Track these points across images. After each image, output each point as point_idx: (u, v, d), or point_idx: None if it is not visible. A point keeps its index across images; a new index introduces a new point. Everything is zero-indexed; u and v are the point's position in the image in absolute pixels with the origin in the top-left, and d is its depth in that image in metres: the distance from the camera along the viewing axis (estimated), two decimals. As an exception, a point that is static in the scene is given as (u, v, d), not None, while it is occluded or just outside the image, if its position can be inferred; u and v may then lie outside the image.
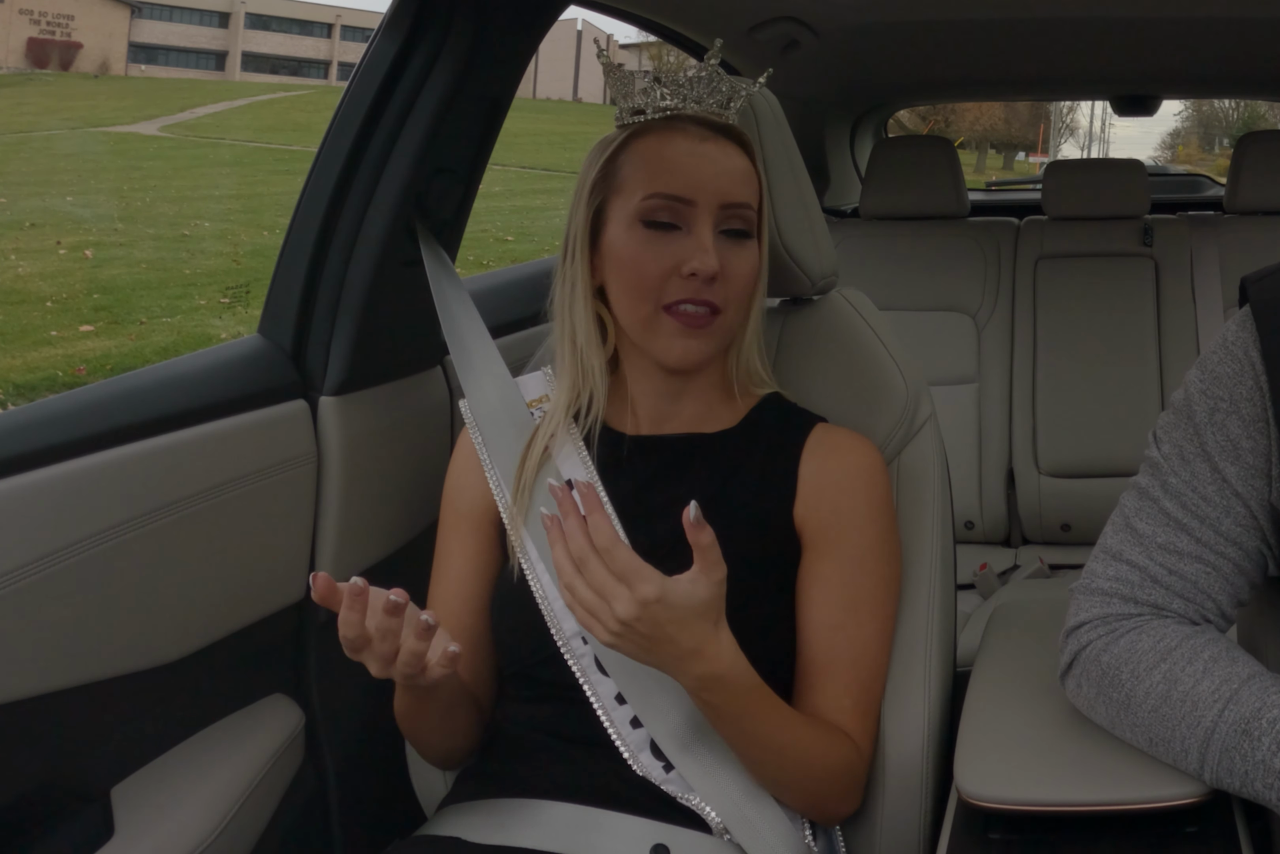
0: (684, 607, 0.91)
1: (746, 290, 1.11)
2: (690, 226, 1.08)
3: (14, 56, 28.30)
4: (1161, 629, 0.93)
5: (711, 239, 1.07)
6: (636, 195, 1.08)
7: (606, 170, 1.11)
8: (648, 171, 1.08)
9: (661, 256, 1.07)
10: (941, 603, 1.18)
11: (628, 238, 1.09)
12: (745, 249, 1.10)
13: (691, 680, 0.96)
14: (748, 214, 1.10)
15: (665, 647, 0.93)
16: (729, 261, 1.08)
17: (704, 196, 1.07)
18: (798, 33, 2.05)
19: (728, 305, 1.09)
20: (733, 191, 1.09)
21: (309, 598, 1.30)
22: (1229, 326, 0.97)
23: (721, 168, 1.09)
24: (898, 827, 1.13)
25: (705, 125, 1.10)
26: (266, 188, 12.92)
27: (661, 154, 1.09)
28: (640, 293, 1.08)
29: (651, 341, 1.10)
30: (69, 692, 1.04)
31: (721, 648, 0.95)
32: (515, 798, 1.08)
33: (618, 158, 1.11)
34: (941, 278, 2.61)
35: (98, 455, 1.05)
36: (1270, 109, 22.08)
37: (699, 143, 1.09)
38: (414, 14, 1.28)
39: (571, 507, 0.92)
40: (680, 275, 1.07)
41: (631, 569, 0.90)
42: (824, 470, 1.13)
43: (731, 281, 1.09)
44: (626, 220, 1.09)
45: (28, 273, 9.18)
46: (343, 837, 1.36)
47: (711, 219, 1.08)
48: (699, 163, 1.08)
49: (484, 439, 1.19)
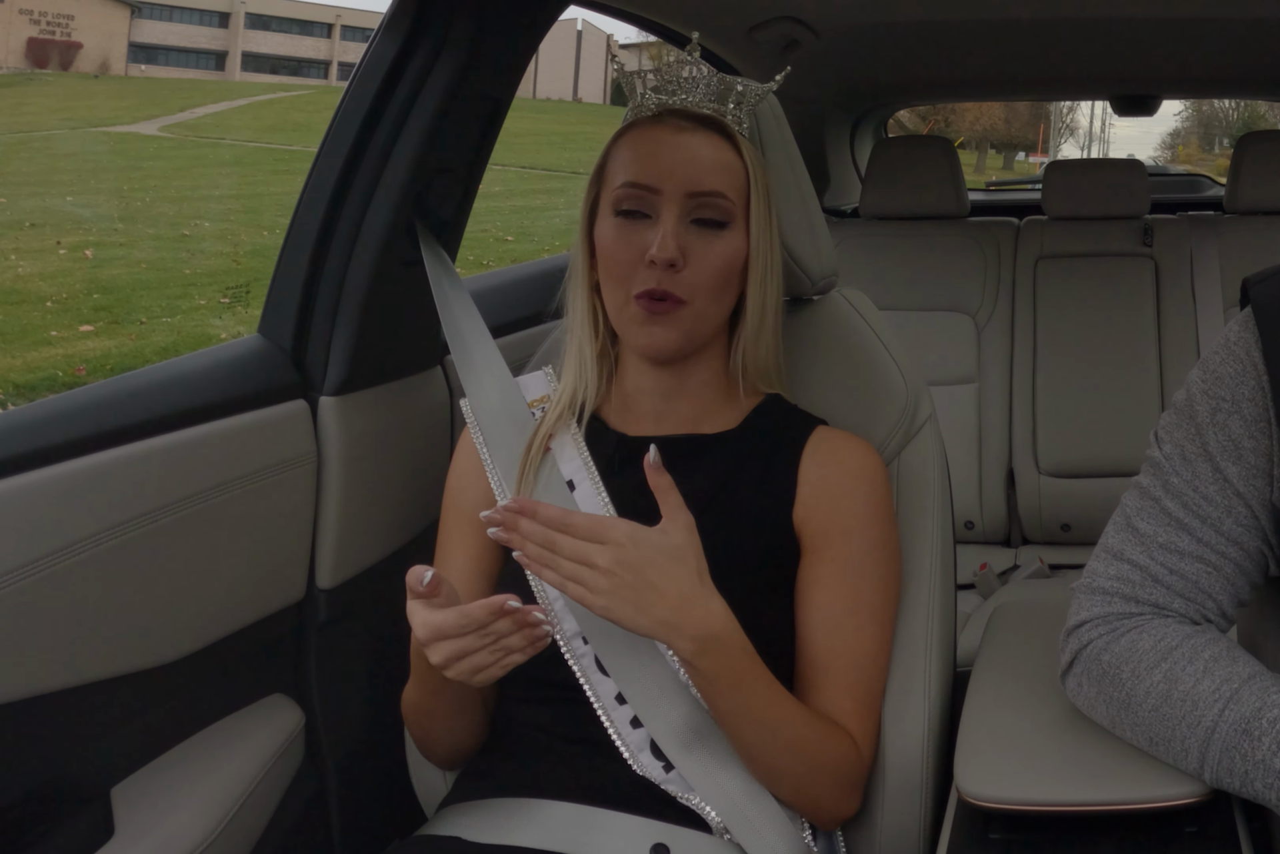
0: (657, 547, 0.95)
1: (714, 280, 1.10)
2: (658, 215, 1.08)
3: (14, 56, 28.28)
4: (1162, 629, 0.93)
5: (674, 226, 1.07)
6: (614, 185, 1.10)
7: (600, 164, 1.14)
8: (623, 162, 1.11)
9: (630, 244, 1.08)
10: (941, 603, 1.18)
11: (605, 227, 1.11)
12: (717, 239, 1.10)
13: (688, 643, 0.96)
14: (721, 204, 1.09)
15: (653, 599, 0.94)
16: (695, 250, 1.08)
17: (669, 185, 1.08)
18: (798, 33, 2.05)
19: (694, 294, 1.08)
20: (702, 180, 1.09)
21: (309, 598, 1.30)
22: (1231, 327, 0.97)
23: (692, 155, 1.09)
24: (898, 827, 1.13)
25: (686, 117, 1.11)
26: (266, 188, 12.91)
27: (637, 145, 1.11)
28: (614, 281, 1.10)
29: (625, 330, 1.11)
30: (69, 692, 1.04)
31: (712, 602, 0.97)
32: (515, 798, 1.08)
33: (610, 150, 1.13)
34: (941, 278, 2.61)
35: (98, 455, 1.05)
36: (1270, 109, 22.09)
37: (674, 133, 1.10)
38: (414, 14, 1.29)
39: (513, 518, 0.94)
40: (645, 264, 1.07)
41: (595, 525, 0.94)
42: (824, 473, 1.13)
43: (698, 270, 1.08)
44: (607, 210, 1.11)
45: (28, 273, 9.18)
46: (343, 837, 1.36)
47: (677, 207, 1.08)
48: (670, 151, 1.09)
49: (485, 438, 1.19)
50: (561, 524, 0.94)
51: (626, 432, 1.17)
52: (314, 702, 1.32)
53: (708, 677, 0.98)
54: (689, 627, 0.95)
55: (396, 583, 1.35)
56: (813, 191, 1.26)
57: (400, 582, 0.96)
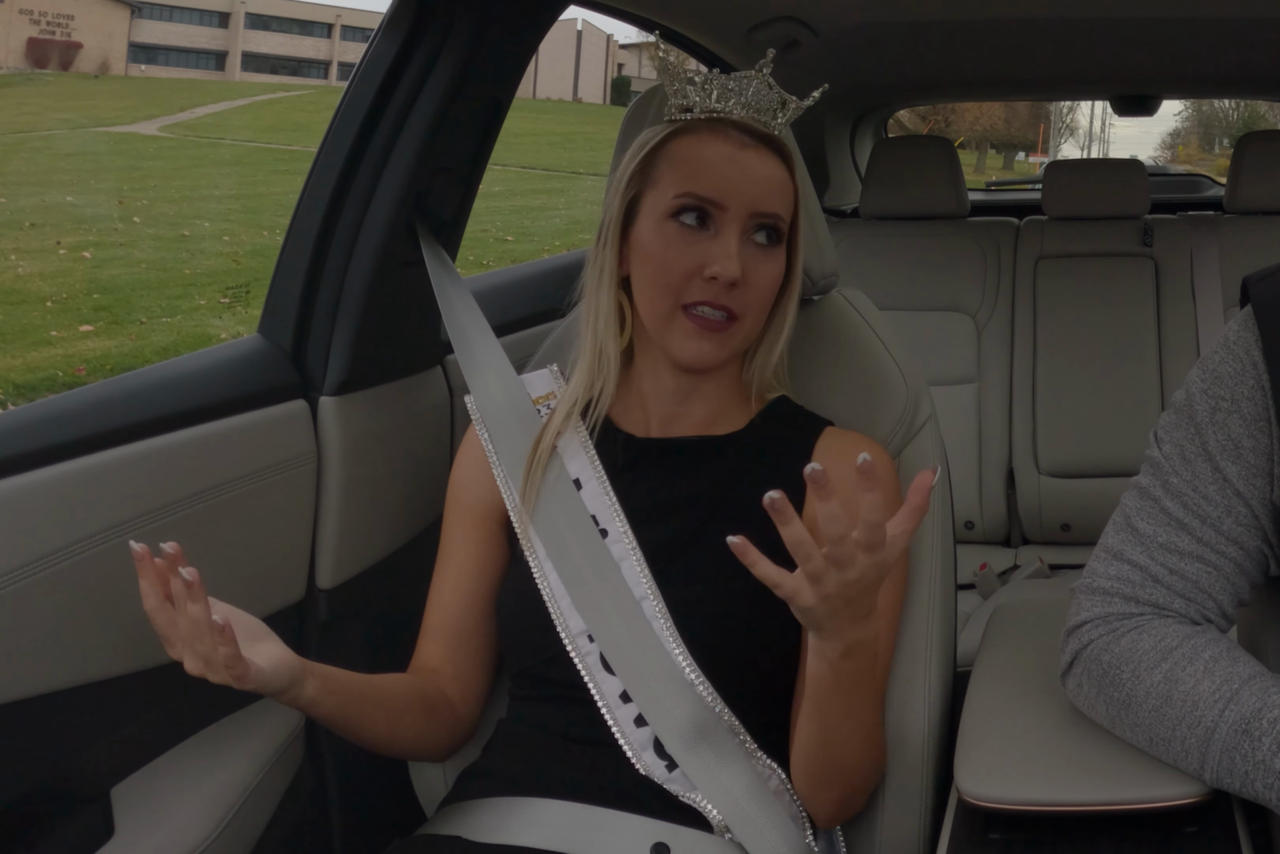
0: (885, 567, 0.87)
1: (766, 298, 1.11)
2: (718, 230, 1.08)
3: (14, 56, 28.29)
4: (1162, 629, 0.93)
5: (737, 245, 1.07)
6: (670, 192, 1.09)
7: (646, 163, 1.12)
8: (684, 170, 1.09)
9: (686, 256, 1.08)
10: (941, 603, 1.18)
11: (657, 233, 1.09)
12: (770, 258, 1.11)
13: (848, 643, 0.91)
14: (778, 224, 1.10)
15: (863, 604, 0.88)
16: (752, 269, 1.08)
17: (736, 202, 1.08)
18: (798, 33, 2.05)
19: (746, 312, 1.09)
20: (765, 201, 1.09)
21: (309, 598, 1.30)
22: (1231, 327, 0.97)
23: (757, 175, 1.09)
24: (898, 827, 1.13)
25: (747, 132, 1.10)
26: (266, 188, 12.91)
27: (700, 155, 1.09)
28: (662, 289, 1.09)
29: (667, 338, 1.10)
30: (69, 692, 1.04)
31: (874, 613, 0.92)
32: (516, 797, 1.08)
33: (658, 152, 1.11)
34: (941, 278, 2.61)
35: (98, 455, 1.05)
36: (1270, 109, 22.10)
37: (739, 149, 1.09)
38: (414, 14, 1.29)
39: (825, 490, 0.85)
40: (702, 277, 1.07)
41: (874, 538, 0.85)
42: (834, 474, 1.13)
43: (752, 289, 1.09)
44: (658, 216, 1.10)
45: (28, 273, 9.18)
46: (343, 837, 1.36)
47: (740, 226, 1.08)
48: (736, 168, 1.08)
49: (490, 435, 1.20)
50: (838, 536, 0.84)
51: (634, 432, 1.17)
52: (314, 702, 1.32)
53: (846, 674, 0.94)
54: (865, 631, 0.92)
55: (397, 583, 1.36)
56: (813, 192, 1.26)
57: (401, 582, 0.96)
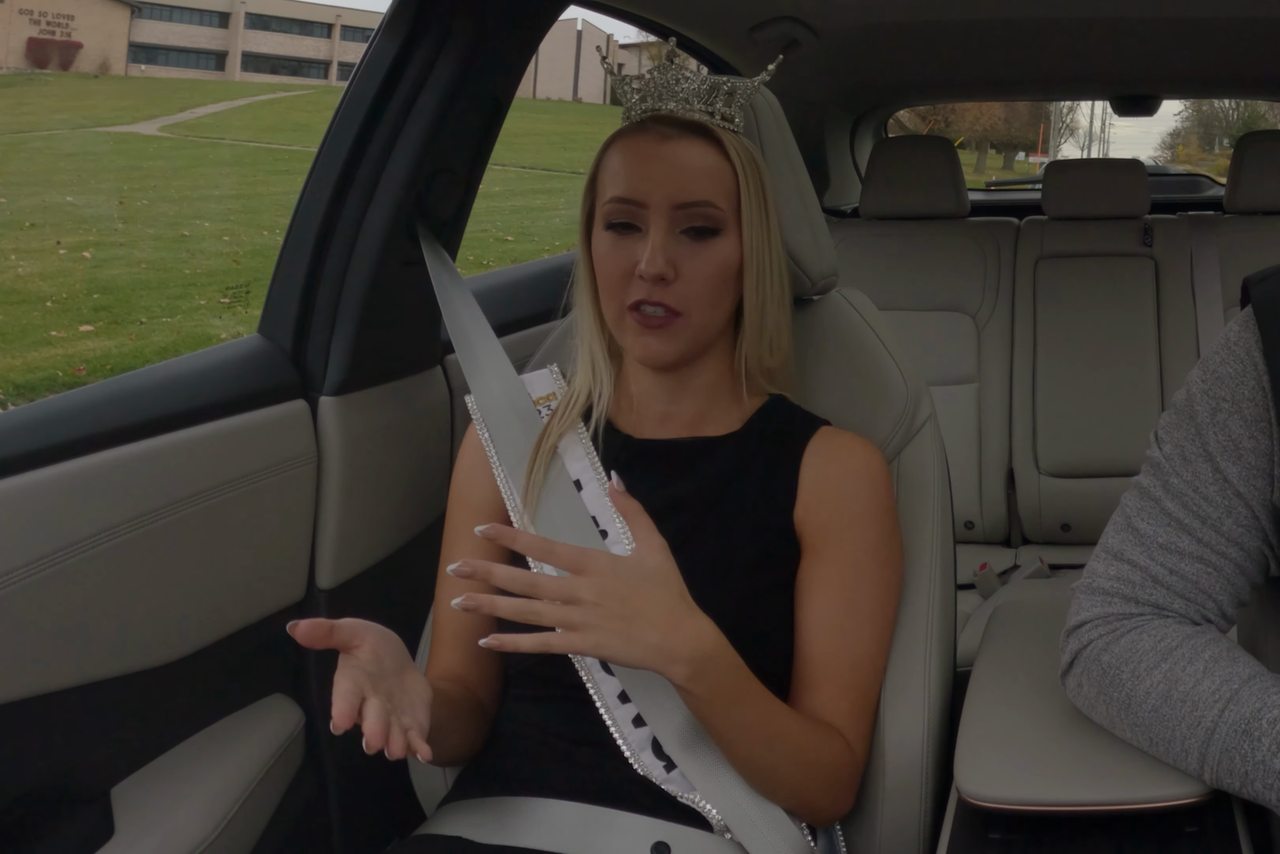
0: (637, 572, 0.94)
1: (708, 290, 1.10)
2: (646, 228, 1.09)
3: (14, 56, 28.28)
4: (1162, 629, 0.93)
5: (663, 240, 1.07)
6: (605, 199, 1.11)
7: (592, 175, 1.14)
8: (611, 175, 1.11)
9: (621, 258, 1.09)
10: (941, 603, 1.18)
11: (599, 240, 1.11)
12: (708, 247, 1.09)
13: (682, 667, 0.94)
14: (709, 212, 1.09)
15: (642, 626, 0.92)
16: (685, 262, 1.08)
17: (655, 198, 1.08)
18: (798, 33, 2.05)
19: (689, 306, 1.09)
20: (688, 191, 1.08)
21: (309, 598, 1.30)
22: (1231, 327, 0.97)
23: (675, 167, 1.08)
24: (898, 827, 1.13)
25: (673, 124, 1.10)
26: (266, 188, 12.91)
27: (624, 157, 1.10)
28: (609, 292, 1.11)
29: (624, 339, 1.12)
30: (69, 692, 1.04)
31: (701, 623, 0.96)
32: (516, 796, 1.08)
33: (600, 162, 1.13)
34: (941, 278, 2.61)
35: (98, 455, 1.05)
36: (1270, 109, 22.09)
37: (658, 144, 1.09)
38: (414, 14, 1.29)
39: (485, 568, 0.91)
40: (637, 276, 1.08)
41: (578, 556, 0.93)
42: (825, 474, 1.13)
43: (691, 282, 1.08)
44: (601, 222, 1.11)
45: (28, 273, 9.18)
46: (343, 837, 1.36)
47: (665, 221, 1.08)
48: (655, 163, 1.09)
49: (491, 435, 1.20)
50: (544, 551, 0.93)
51: (633, 433, 1.17)
52: (314, 702, 1.32)
53: (704, 699, 0.97)
54: (681, 651, 0.94)
55: (397, 583, 1.36)
56: (812, 191, 1.26)
57: (401, 582, 0.96)
